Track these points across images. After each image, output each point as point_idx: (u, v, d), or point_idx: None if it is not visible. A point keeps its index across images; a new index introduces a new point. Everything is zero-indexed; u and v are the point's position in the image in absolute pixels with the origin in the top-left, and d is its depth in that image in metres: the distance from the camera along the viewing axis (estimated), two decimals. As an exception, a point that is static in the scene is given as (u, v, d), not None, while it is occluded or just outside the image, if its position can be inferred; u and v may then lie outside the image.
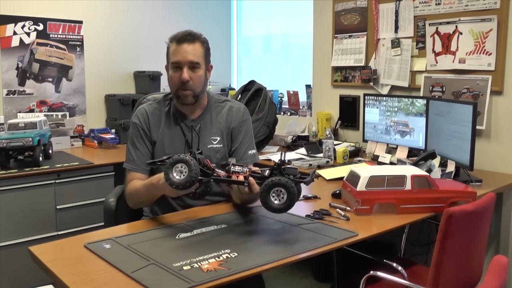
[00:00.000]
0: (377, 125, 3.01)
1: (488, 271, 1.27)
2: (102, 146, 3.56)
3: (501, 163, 2.63)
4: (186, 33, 1.92)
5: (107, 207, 2.09)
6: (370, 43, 3.28)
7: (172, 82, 1.94)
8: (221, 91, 4.42)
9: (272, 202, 1.51)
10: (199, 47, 1.93)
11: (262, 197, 1.51)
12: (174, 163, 1.55)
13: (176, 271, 1.31)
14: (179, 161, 1.55)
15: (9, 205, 2.71)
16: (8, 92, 3.39)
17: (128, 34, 3.93)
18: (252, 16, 4.64)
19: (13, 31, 3.36)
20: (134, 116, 2.03)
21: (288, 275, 3.09)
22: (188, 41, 1.90)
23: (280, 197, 1.50)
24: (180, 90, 1.92)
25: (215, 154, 1.98)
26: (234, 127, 2.03)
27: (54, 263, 1.39)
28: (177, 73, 1.91)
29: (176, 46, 1.91)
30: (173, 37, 1.94)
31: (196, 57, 1.91)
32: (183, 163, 1.55)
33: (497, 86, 2.62)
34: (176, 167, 1.55)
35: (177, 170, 1.55)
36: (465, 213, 1.63)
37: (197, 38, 1.93)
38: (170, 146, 1.97)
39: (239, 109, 2.07)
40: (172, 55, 1.93)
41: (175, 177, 1.55)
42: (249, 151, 2.04)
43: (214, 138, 2.01)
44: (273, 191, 1.50)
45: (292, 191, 1.49)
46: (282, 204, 1.50)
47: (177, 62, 1.90)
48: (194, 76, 1.91)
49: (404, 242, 2.49)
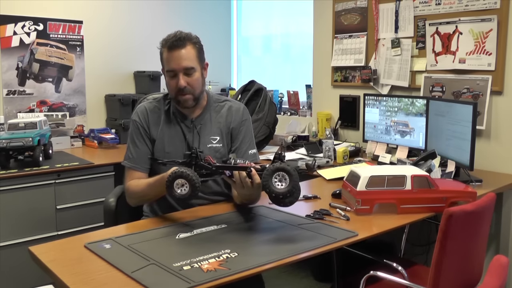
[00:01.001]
0: (377, 125, 3.01)
1: (488, 271, 1.27)
2: (102, 146, 3.56)
3: (501, 163, 2.63)
4: (175, 37, 1.88)
5: (107, 207, 2.09)
6: (370, 43, 3.28)
7: (170, 89, 1.95)
8: (221, 91, 4.42)
9: (275, 187, 1.51)
10: (191, 49, 1.90)
11: (264, 181, 1.52)
12: (172, 180, 1.56)
13: (176, 271, 1.31)
14: (177, 177, 1.55)
15: (9, 205, 2.71)
16: (8, 92, 3.39)
17: (128, 34, 3.93)
18: (252, 16, 4.64)
19: (13, 31, 3.36)
20: (134, 113, 2.03)
21: (288, 275, 3.09)
22: (179, 46, 1.87)
23: (282, 182, 1.51)
24: (179, 96, 1.92)
25: (215, 154, 1.97)
26: (234, 127, 2.03)
27: (54, 263, 1.39)
28: (174, 80, 1.90)
29: (168, 53, 1.89)
30: (164, 43, 1.92)
31: (190, 62, 1.89)
32: (182, 178, 1.55)
33: (497, 86, 2.62)
34: (177, 183, 1.56)
35: (178, 185, 1.56)
36: (465, 213, 1.63)
37: (187, 40, 1.90)
38: (170, 145, 1.98)
39: (238, 109, 2.06)
40: (166, 62, 1.92)
41: (178, 192, 1.57)
42: (249, 150, 2.03)
43: (213, 137, 2.01)
44: (275, 175, 1.51)
45: (295, 175, 1.50)
46: (285, 188, 1.51)
47: (172, 70, 1.90)
48: (191, 80, 1.90)
49: (404, 242, 2.49)
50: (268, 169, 1.52)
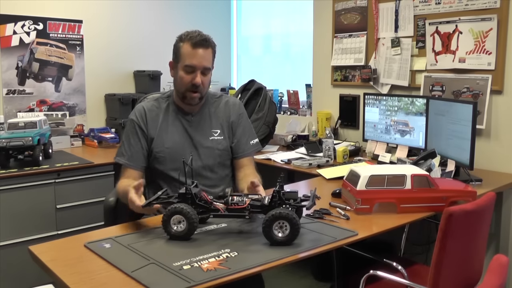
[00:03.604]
0: (377, 125, 3.01)
1: (488, 271, 1.27)
2: (102, 146, 3.56)
3: (501, 163, 2.63)
4: (201, 37, 1.94)
5: (107, 206, 2.09)
6: (370, 43, 3.28)
7: (182, 83, 1.97)
8: (221, 90, 4.42)
9: (276, 236, 1.48)
10: (211, 52, 1.98)
11: (265, 231, 1.48)
12: (170, 215, 1.51)
13: (176, 270, 1.31)
14: (174, 212, 1.51)
15: (9, 204, 2.71)
16: (8, 92, 3.38)
17: (128, 34, 3.93)
18: (252, 16, 4.63)
19: (13, 31, 3.36)
20: (132, 113, 2.07)
21: (288, 275, 3.09)
22: (204, 46, 1.94)
23: (283, 229, 1.47)
24: (188, 92, 1.97)
25: (217, 146, 2.05)
26: (233, 121, 2.10)
27: (54, 263, 1.39)
28: (189, 75, 1.95)
29: (192, 49, 1.93)
30: (187, 38, 1.95)
31: (209, 63, 1.97)
32: (180, 214, 1.51)
33: (497, 86, 2.61)
34: (173, 219, 1.51)
35: (175, 221, 1.52)
36: (465, 213, 1.63)
37: (210, 43, 1.97)
38: (170, 141, 2.01)
39: (235, 103, 2.16)
40: (187, 57, 1.94)
41: (174, 229, 1.52)
42: (250, 141, 2.13)
43: (215, 130, 2.07)
44: (275, 224, 1.47)
45: (295, 223, 1.46)
46: (285, 237, 1.47)
47: (193, 66, 1.94)
48: (205, 79, 1.97)
49: (404, 241, 2.49)
50: (268, 219, 1.47)
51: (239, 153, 2.11)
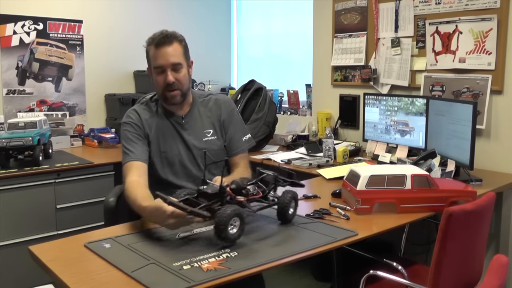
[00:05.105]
0: (377, 125, 3.01)
1: (488, 271, 1.27)
2: (102, 146, 3.56)
3: (501, 163, 2.63)
4: (162, 35, 1.93)
5: (107, 206, 2.09)
6: (370, 43, 3.27)
7: (158, 85, 1.97)
8: (221, 91, 4.41)
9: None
10: (177, 46, 1.95)
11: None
12: (229, 219, 1.42)
13: (176, 270, 1.31)
14: (234, 215, 1.44)
15: (9, 204, 2.71)
16: (8, 92, 3.38)
17: (128, 34, 3.93)
18: (252, 16, 4.63)
19: (13, 31, 3.36)
20: (125, 116, 2.06)
21: (288, 275, 3.09)
22: (167, 43, 1.92)
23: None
24: (166, 92, 1.96)
25: (212, 146, 2.03)
26: (224, 119, 2.10)
27: (54, 263, 1.39)
28: (161, 76, 1.94)
29: (155, 50, 1.93)
30: (151, 41, 1.96)
31: (177, 58, 1.94)
32: (238, 217, 1.45)
33: (497, 86, 2.61)
34: (232, 221, 1.44)
35: (233, 225, 1.45)
36: (465, 213, 1.63)
37: (174, 38, 1.94)
38: (165, 145, 2.01)
39: (225, 101, 2.15)
40: (153, 59, 1.95)
41: (231, 233, 1.45)
42: (243, 137, 2.13)
43: (207, 131, 2.06)
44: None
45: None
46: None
47: (161, 66, 1.93)
48: (178, 76, 1.95)
49: (404, 241, 2.49)
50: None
51: (233, 151, 2.11)
